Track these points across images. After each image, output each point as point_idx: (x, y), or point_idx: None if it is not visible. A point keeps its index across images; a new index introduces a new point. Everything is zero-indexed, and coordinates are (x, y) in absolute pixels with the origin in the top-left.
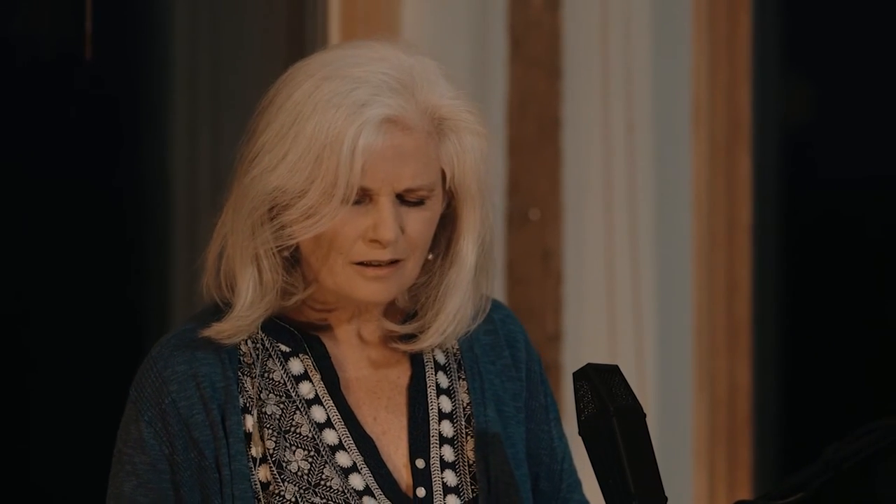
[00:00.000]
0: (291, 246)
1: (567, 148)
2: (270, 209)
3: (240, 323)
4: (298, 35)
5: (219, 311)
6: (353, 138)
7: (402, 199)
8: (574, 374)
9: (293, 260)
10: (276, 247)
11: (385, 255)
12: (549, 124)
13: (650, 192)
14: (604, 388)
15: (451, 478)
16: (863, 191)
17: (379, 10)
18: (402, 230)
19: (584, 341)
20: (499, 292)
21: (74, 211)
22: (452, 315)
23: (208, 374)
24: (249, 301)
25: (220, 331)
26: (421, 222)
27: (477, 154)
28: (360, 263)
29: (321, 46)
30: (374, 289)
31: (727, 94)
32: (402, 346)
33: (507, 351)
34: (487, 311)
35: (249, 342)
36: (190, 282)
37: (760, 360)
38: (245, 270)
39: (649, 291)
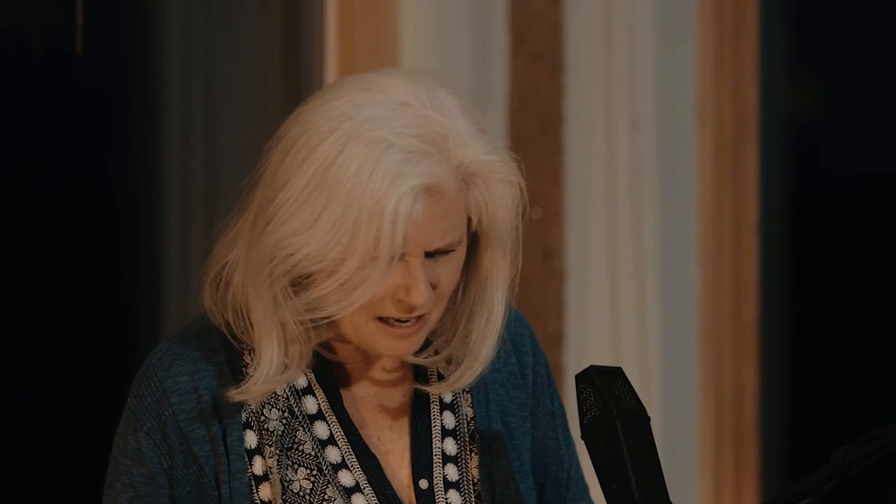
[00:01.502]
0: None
1: (569, 144)
2: (296, 278)
3: (265, 388)
4: (294, 28)
5: (227, 326)
6: (393, 210)
7: (432, 254)
8: (576, 376)
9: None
10: (308, 316)
11: (413, 313)
12: (550, 120)
13: (654, 189)
14: (607, 390)
15: (455, 498)
16: (872, 188)
17: (377, 3)
18: (434, 287)
19: (586, 343)
20: None
21: (65, 209)
22: (485, 359)
23: (210, 387)
24: (275, 368)
25: (248, 393)
26: (449, 274)
27: (508, 202)
28: (384, 321)
29: (318, 42)
30: (399, 346)
31: (733, 90)
32: (430, 389)
33: (513, 357)
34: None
35: (253, 354)
36: (183, 283)
37: (767, 361)
38: (270, 337)
39: (653, 292)
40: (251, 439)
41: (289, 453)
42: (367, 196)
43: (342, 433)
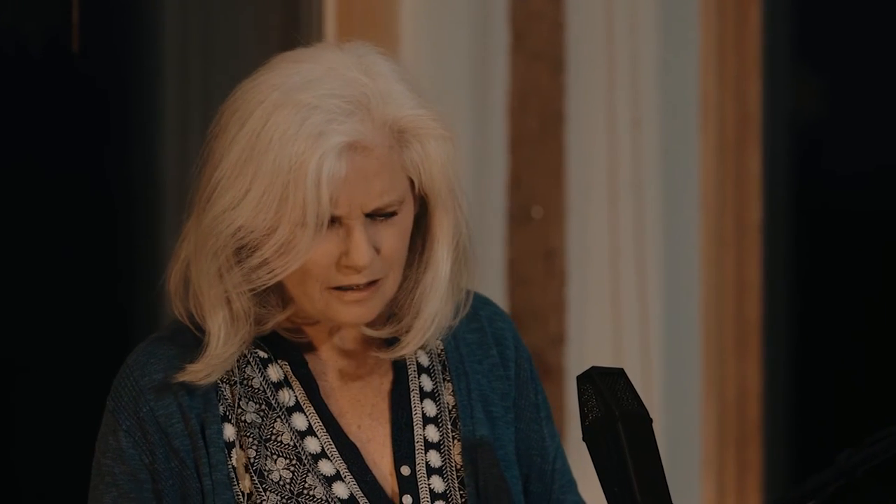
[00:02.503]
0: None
1: (570, 143)
2: (237, 250)
3: (214, 362)
4: (293, 26)
5: (193, 321)
6: (315, 170)
7: (373, 216)
8: (578, 377)
9: (265, 291)
10: (250, 286)
11: (361, 279)
12: (551, 119)
13: (657, 189)
14: (609, 392)
15: (438, 484)
16: (876, 187)
17: (376, 1)
18: (378, 250)
19: (588, 344)
20: (500, 293)
21: (62, 209)
22: (430, 320)
23: (186, 383)
24: (223, 341)
25: (194, 372)
26: (394, 237)
27: (444, 158)
28: (337, 288)
29: (316, 40)
30: (356, 312)
31: (736, 88)
32: (382, 354)
33: (494, 349)
34: (468, 305)
35: None
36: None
37: (771, 362)
38: (215, 312)
39: (656, 292)
40: (229, 432)
41: (267, 444)
42: (291, 159)
43: (321, 424)
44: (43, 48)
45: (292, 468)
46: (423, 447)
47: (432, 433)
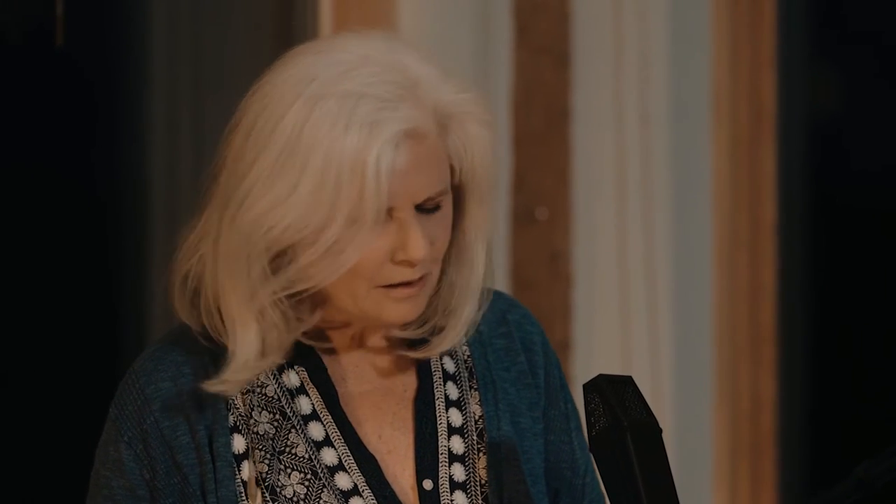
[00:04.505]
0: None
1: (576, 141)
2: (273, 258)
3: (241, 377)
4: (286, 19)
5: (205, 331)
6: (375, 163)
7: (420, 208)
8: (584, 386)
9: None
10: (289, 291)
11: (415, 274)
12: (557, 116)
13: (667, 188)
14: (616, 401)
15: (461, 500)
16: None
17: None
18: (431, 243)
19: (595, 350)
20: None
21: (45, 210)
22: (465, 320)
23: (195, 391)
24: (252, 362)
25: (222, 383)
26: (443, 230)
27: (484, 144)
28: (387, 286)
29: (311, 32)
30: (405, 309)
31: (750, 83)
32: (411, 353)
33: (522, 356)
34: (489, 301)
35: None
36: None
37: (786, 370)
38: (246, 327)
39: (666, 296)
40: (239, 444)
41: (281, 457)
42: (346, 151)
43: (338, 434)
44: (25, 42)
45: (307, 483)
46: (447, 460)
47: (457, 444)
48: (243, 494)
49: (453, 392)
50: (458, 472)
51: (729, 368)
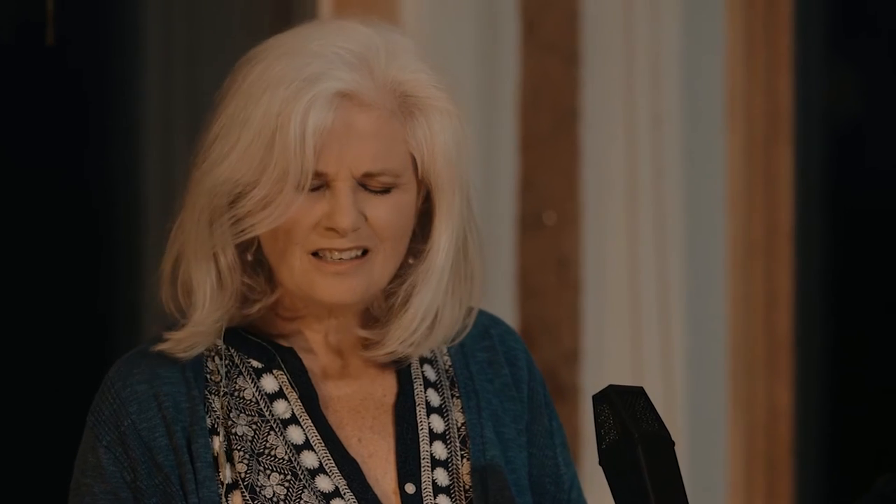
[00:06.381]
0: (252, 245)
1: (586, 143)
2: (230, 204)
3: (197, 329)
4: (284, 18)
5: (181, 311)
6: (301, 116)
7: (365, 186)
8: (594, 397)
9: (256, 263)
10: (234, 241)
11: (343, 244)
12: (565, 116)
13: (679, 192)
14: (627, 412)
15: (445, 503)
16: None
17: None
18: (365, 217)
19: (605, 360)
20: (509, 305)
21: (36, 212)
22: (418, 315)
23: (171, 394)
24: (207, 305)
25: (177, 341)
26: (386, 210)
27: (447, 135)
28: (319, 257)
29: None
30: (335, 287)
31: (766, 83)
32: (368, 353)
33: (506, 369)
34: (472, 322)
35: (217, 358)
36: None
37: (803, 380)
38: (201, 271)
39: (678, 304)
40: (218, 446)
41: (260, 458)
42: (281, 105)
43: (318, 437)
44: (15, 40)
45: (287, 484)
46: (429, 464)
47: (440, 450)
48: (223, 495)
49: (434, 399)
50: (442, 476)
51: (744, 377)
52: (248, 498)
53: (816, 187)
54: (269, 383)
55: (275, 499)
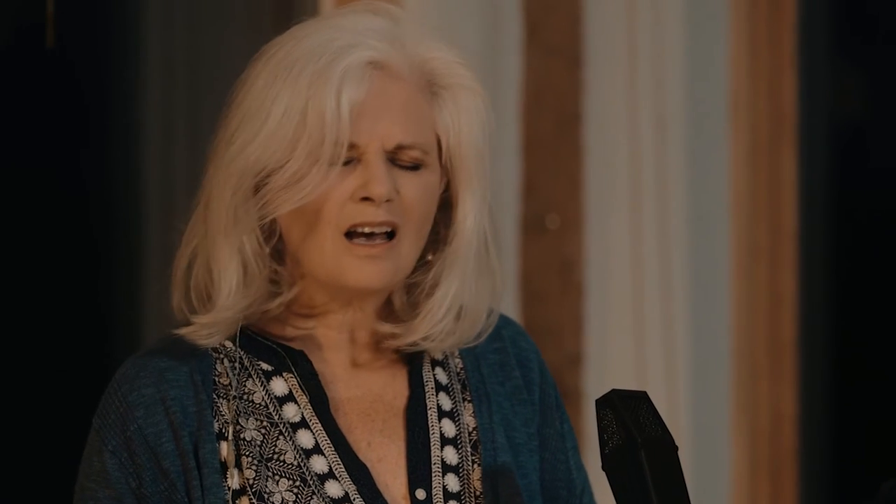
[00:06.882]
0: (273, 236)
1: (589, 146)
2: (255, 186)
3: (222, 315)
4: (285, 21)
5: (191, 308)
6: (337, 86)
7: (395, 161)
8: (597, 401)
9: (278, 254)
10: (261, 221)
11: (378, 216)
12: (568, 119)
13: (683, 195)
14: (630, 417)
15: None
16: None
17: None
18: (397, 191)
19: (608, 364)
20: (512, 308)
21: (37, 212)
22: (447, 303)
23: (179, 398)
24: (234, 290)
25: (200, 326)
26: (416, 187)
27: (473, 115)
28: (351, 236)
29: None
30: (365, 270)
31: (770, 85)
32: (393, 343)
33: (517, 371)
34: (491, 328)
35: (226, 361)
36: (162, 291)
37: (807, 384)
38: (227, 257)
39: (682, 307)
40: (225, 451)
41: (268, 464)
42: (314, 78)
43: (328, 441)
44: (16, 43)
45: (296, 490)
46: (440, 470)
47: (451, 455)
48: (231, 502)
49: (446, 403)
50: (452, 482)
51: (748, 382)
52: None
53: (820, 190)
54: (279, 386)
55: None
